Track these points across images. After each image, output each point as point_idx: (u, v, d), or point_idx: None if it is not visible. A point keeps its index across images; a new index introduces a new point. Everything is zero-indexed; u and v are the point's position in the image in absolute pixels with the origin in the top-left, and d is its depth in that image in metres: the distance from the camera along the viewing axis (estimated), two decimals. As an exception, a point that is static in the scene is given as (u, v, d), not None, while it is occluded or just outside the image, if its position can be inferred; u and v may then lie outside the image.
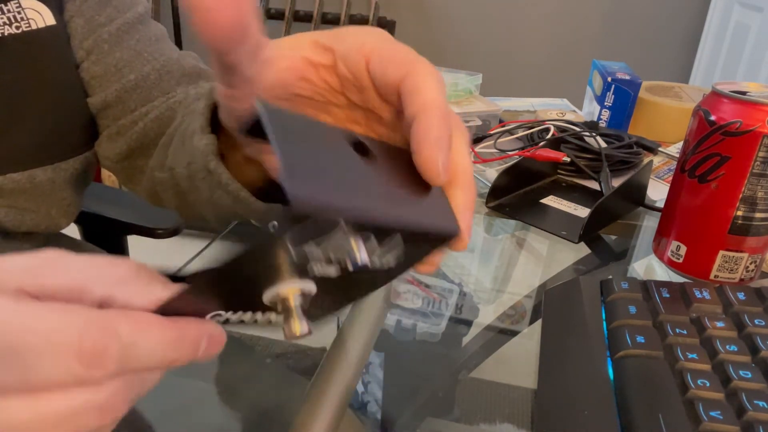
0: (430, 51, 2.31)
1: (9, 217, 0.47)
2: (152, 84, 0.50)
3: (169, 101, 0.49)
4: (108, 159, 0.52)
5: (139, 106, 0.50)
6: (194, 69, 0.52)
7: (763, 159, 0.42)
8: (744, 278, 0.46)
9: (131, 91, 0.49)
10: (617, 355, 0.35)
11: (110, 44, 0.49)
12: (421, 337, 0.43)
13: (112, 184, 1.68)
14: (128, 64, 0.49)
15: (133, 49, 0.49)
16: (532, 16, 2.22)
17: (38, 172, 0.46)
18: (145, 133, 0.49)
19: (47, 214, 0.49)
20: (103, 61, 0.48)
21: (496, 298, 0.48)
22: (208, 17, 0.19)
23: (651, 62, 2.18)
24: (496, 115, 0.77)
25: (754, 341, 0.35)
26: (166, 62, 0.50)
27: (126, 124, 0.50)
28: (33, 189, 0.46)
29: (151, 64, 0.50)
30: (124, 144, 0.50)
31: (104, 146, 0.52)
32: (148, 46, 0.50)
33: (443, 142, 0.25)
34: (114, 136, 0.51)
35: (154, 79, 0.50)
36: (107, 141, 0.51)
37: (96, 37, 0.48)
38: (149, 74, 0.49)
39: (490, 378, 0.39)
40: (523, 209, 0.60)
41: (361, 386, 0.37)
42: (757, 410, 0.30)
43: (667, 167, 0.71)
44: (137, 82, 0.49)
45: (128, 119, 0.50)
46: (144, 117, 0.49)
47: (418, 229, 0.22)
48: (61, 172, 0.48)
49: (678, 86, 0.88)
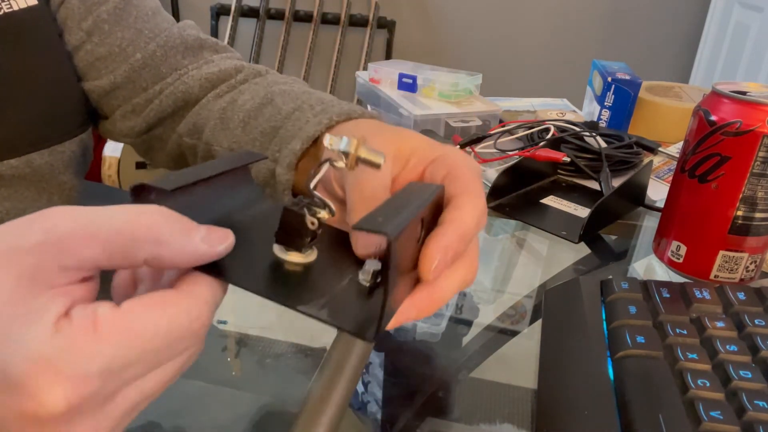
0: (430, 51, 2.31)
1: (12, 212, 0.46)
2: (159, 61, 0.51)
3: (182, 77, 0.51)
4: (125, 135, 0.54)
5: (151, 84, 0.51)
6: (196, 41, 0.53)
7: (763, 159, 0.42)
8: (744, 278, 0.46)
9: (140, 70, 0.50)
10: (617, 355, 0.35)
11: (110, 24, 0.49)
12: (421, 337, 0.43)
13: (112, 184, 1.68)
14: (132, 43, 0.50)
15: (133, 27, 0.50)
16: (533, 16, 2.22)
17: (35, 157, 0.46)
18: (162, 108, 0.51)
19: (49, 201, 0.49)
20: (105, 42, 0.49)
21: (496, 298, 0.48)
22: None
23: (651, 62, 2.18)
24: (496, 115, 0.77)
25: (754, 341, 0.35)
26: (168, 37, 0.52)
27: (141, 102, 0.51)
28: (32, 174, 0.46)
29: (155, 41, 0.51)
30: (143, 122, 0.52)
31: (119, 124, 0.53)
32: (147, 22, 0.51)
33: (450, 252, 0.26)
34: (129, 115, 0.52)
35: (160, 56, 0.51)
36: (122, 120, 0.53)
37: (95, 18, 0.49)
38: (155, 51, 0.51)
39: (490, 378, 0.39)
40: (523, 209, 0.60)
41: (361, 386, 0.37)
42: (757, 410, 0.30)
43: (667, 167, 0.71)
44: (144, 60, 0.50)
45: (142, 98, 0.51)
46: (159, 95, 0.51)
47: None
48: (58, 155, 0.48)
49: (678, 86, 0.88)
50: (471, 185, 0.30)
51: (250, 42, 2.28)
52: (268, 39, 2.31)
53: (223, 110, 0.48)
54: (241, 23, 2.30)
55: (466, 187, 0.29)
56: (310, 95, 0.46)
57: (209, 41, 0.54)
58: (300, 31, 2.30)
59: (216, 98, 0.50)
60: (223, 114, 0.48)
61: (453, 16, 2.26)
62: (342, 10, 2.26)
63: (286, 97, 0.46)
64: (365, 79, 0.88)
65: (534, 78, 2.30)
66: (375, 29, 2.26)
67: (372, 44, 2.27)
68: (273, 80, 0.51)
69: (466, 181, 0.30)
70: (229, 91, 0.51)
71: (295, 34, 2.30)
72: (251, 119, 0.46)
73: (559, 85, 2.24)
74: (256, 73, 0.52)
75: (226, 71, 0.51)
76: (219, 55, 0.54)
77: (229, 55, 0.55)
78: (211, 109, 0.49)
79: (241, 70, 0.52)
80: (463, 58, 2.30)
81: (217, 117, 0.48)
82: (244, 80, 0.51)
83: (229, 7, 2.27)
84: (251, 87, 0.50)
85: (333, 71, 2.29)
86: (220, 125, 0.48)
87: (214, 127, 0.48)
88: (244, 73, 0.52)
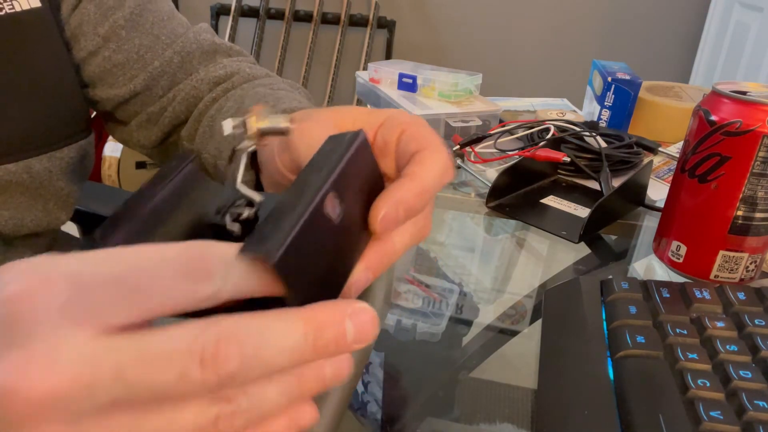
0: (430, 51, 2.32)
1: (10, 222, 0.46)
2: (176, 68, 0.51)
3: (192, 81, 0.51)
4: (143, 147, 0.54)
5: (166, 91, 0.51)
6: (211, 46, 0.53)
7: (763, 159, 0.42)
8: (744, 278, 0.46)
9: (158, 77, 0.50)
10: (617, 355, 0.35)
11: (127, 30, 0.49)
12: (421, 337, 0.43)
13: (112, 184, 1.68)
14: (150, 50, 0.50)
15: (150, 33, 0.50)
16: (533, 16, 2.22)
17: (34, 162, 0.45)
18: (175, 116, 0.51)
19: (45, 208, 0.48)
20: (123, 48, 0.49)
21: (496, 298, 0.48)
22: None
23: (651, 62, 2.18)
24: (496, 115, 0.77)
25: (754, 341, 0.35)
26: (185, 43, 0.51)
27: (155, 111, 0.51)
28: (31, 181, 0.46)
29: (172, 47, 0.51)
30: (159, 131, 0.52)
31: (135, 135, 0.53)
32: (163, 27, 0.51)
33: (401, 206, 0.25)
34: (145, 124, 0.52)
35: (177, 63, 0.51)
36: (138, 129, 0.52)
37: (112, 23, 0.48)
38: (172, 58, 0.51)
39: (490, 378, 0.39)
40: (523, 209, 0.60)
41: (361, 386, 0.37)
42: (757, 410, 0.30)
43: (667, 167, 0.71)
44: (163, 68, 0.50)
45: (156, 106, 0.51)
46: (172, 102, 0.51)
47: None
48: (56, 161, 0.47)
49: (678, 86, 0.88)
50: (429, 139, 0.29)
51: (250, 42, 2.28)
52: (268, 39, 2.31)
53: (212, 118, 0.49)
54: (241, 23, 2.30)
55: (427, 143, 0.28)
56: (276, 97, 0.46)
57: (223, 45, 0.54)
58: (300, 31, 2.30)
59: (212, 102, 0.50)
60: (211, 122, 0.49)
61: (453, 16, 2.26)
62: (342, 10, 2.26)
63: (254, 99, 0.47)
64: (365, 79, 0.88)
65: (534, 78, 2.30)
66: (375, 29, 2.26)
67: (372, 44, 2.27)
68: (259, 83, 0.51)
69: (423, 135, 0.29)
70: (222, 94, 0.51)
71: (295, 34, 2.30)
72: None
73: (559, 85, 2.24)
74: (250, 77, 0.52)
75: (229, 74, 0.52)
76: (231, 58, 0.54)
77: (240, 58, 0.55)
78: (206, 116, 0.50)
79: (239, 72, 0.52)
80: (463, 58, 2.30)
81: (206, 125, 0.49)
82: (237, 84, 0.51)
83: (229, 7, 2.27)
84: (237, 93, 0.50)
85: (333, 71, 2.29)
86: (208, 132, 0.48)
87: (203, 134, 0.49)
88: (240, 77, 0.52)
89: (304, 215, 0.20)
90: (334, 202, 0.22)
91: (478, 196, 0.63)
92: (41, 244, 0.51)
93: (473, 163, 0.67)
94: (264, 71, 0.54)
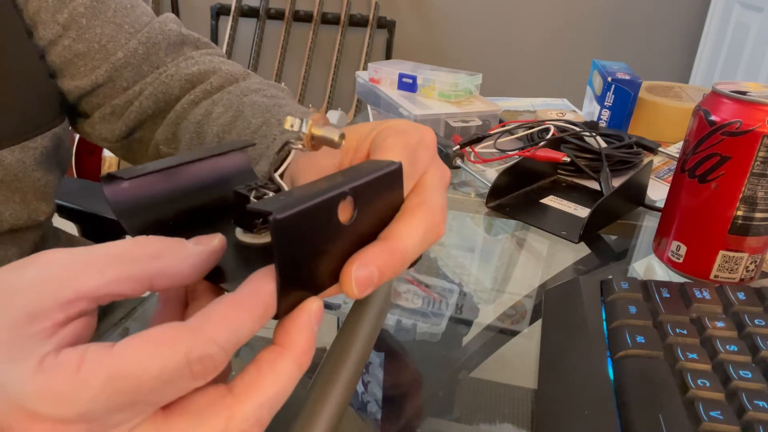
0: (430, 51, 2.32)
1: None
2: (141, 59, 0.49)
3: (161, 77, 0.49)
4: (105, 140, 0.52)
5: (131, 84, 0.49)
6: (178, 37, 0.52)
7: (763, 159, 0.42)
8: (744, 278, 0.46)
9: (121, 69, 0.48)
10: (617, 355, 0.35)
11: (88, 18, 0.47)
12: (421, 337, 0.43)
13: (112, 184, 1.67)
14: (112, 40, 0.48)
15: (112, 22, 0.48)
16: (532, 16, 2.22)
17: (5, 154, 0.44)
18: (142, 110, 0.49)
19: (23, 200, 0.47)
20: (84, 37, 0.47)
21: (496, 298, 0.48)
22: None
23: (651, 62, 2.18)
24: (496, 115, 0.77)
25: (754, 341, 0.35)
26: (150, 33, 0.50)
27: (120, 104, 0.49)
28: (4, 174, 0.44)
29: (136, 37, 0.49)
30: (123, 125, 0.50)
31: (98, 127, 0.51)
32: (126, 16, 0.49)
33: (373, 268, 0.23)
34: (108, 117, 0.50)
35: (142, 54, 0.49)
36: (101, 122, 0.51)
37: (71, 11, 0.46)
38: (137, 49, 0.49)
39: (490, 378, 0.39)
40: (523, 209, 0.60)
41: (361, 386, 0.37)
42: (757, 410, 0.30)
43: (667, 167, 0.71)
44: (126, 59, 0.48)
45: (122, 99, 0.49)
46: (138, 96, 0.49)
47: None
48: (30, 151, 0.46)
49: (678, 86, 0.88)
50: (426, 190, 0.26)
51: (250, 42, 2.28)
52: (268, 39, 2.31)
53: (198, 124, 0.47)
54: (241, 23, 2.30)
55: (420, 198, 0.26)
56: (280, 108, 0.45)
57: (190, 37, 0.53)
58: (300, 31, 2.30)
59: (192, 105, 0.49)
60: (199, 128, 0.47)
61: (453, 16, 2.26)
62: (342, 10, 2.26)
63: (255, 109, 0.45)
64: (365, 79, 0.88)
65: (534, 78, 2.30)
66: (375, 29, 2.26)
67: (372, 44, 2.27)
68: (246, 87, 0.49)
69: (421, 186, 0.27)
70: (204, 97, 0.49)
71: (295, 34, 2.31)
72: (225, 134, 0.46)
73: (559, 85, 2.24)
74: (231, 79, 0.51)
75: (205, 72, 0.50)
76: (199, 51, 0.53)
77: (209, 51, 0.54)
78: (190, 121, 0.48)
79: (216, 71, 0.51)
80: (463, 58, 2.30)
81: (193, 131, 0.48)
82: (220, 87, 0.50)
83: (229, 7, 2.27)
84: (224, 97, 0.49)
85: (333, 71, 2.29)
86: (196, 139, 0.47)
87: (191, 140, 0.47)
88: (219, 77, 0.50)
89: (318, 199, 0.21)
90: (350, 205, 0.23)
91: (478, 196, 0.63)
92: (27, 239, 0.50)
93: (473, 163, 0.67)
94: (241, 69, 0.53)
